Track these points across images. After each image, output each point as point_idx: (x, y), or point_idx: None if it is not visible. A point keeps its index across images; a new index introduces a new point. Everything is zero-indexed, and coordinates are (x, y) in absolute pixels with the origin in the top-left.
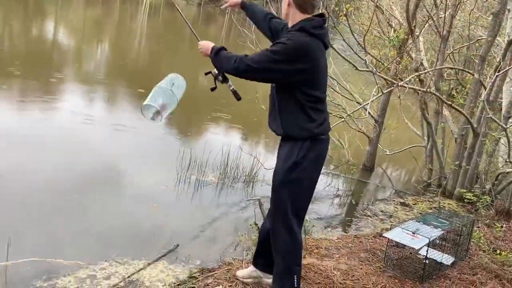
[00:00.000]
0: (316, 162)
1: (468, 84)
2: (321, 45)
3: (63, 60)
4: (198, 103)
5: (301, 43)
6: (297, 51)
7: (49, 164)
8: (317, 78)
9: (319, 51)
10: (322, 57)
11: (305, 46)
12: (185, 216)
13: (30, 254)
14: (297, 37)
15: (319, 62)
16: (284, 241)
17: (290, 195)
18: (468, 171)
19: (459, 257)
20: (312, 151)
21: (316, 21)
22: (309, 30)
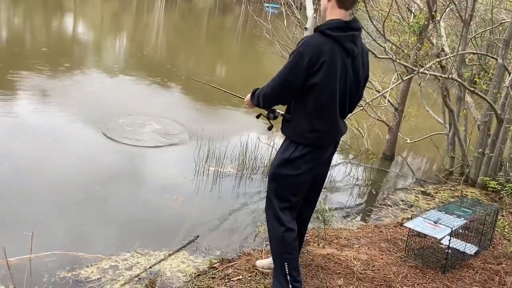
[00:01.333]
0: (311, 164)
1: (492, 70)
2: (339, 48)
3: (83, 54)
4: (214, 94)
5: (313, 46)
6: (309, 53)
7: (70, 157)
8: (327, 82)
9: (333, 53)
10: (338, 61)
11: (317, 48)
12: (205, 207)
13: (53, 246)
14: (310, 39)
15: (331, 66)
16: (273, 228)
17: (278, 189)
18: (491, 158)
19: (482, 246)
20: (309, 155)
21: (336, 21)
22: (324, 31)
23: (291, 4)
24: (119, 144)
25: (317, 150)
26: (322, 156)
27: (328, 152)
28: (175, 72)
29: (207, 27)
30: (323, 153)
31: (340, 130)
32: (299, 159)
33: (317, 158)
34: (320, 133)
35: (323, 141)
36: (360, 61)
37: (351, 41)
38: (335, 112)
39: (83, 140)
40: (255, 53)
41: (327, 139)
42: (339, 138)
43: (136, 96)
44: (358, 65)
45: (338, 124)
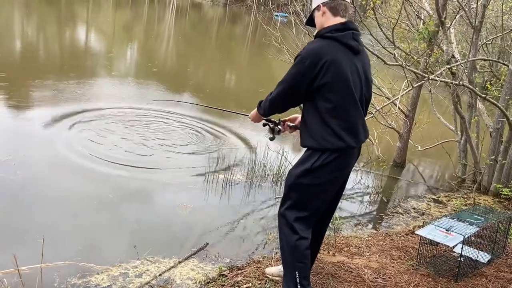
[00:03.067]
0: (333, 174)
1: (503, 76)
2: (342, 47)
3: (95, 63)
4: (223, 102)
5: (313, 48)
6: (310, 56)
7: (81, 166)
8: (336, 81)
9: (337, 52)
10: (344, 60)
11: (317, 49)
12: (214, 215)
13: (64, 254)
14: (311, 44)
15: (337, 65)
16: (285, 236)
17: (297, 199)
18: (504, 165)
19: (495, 254)
20: (331, 163)
21: (334, 25)
22: (324, 35)
23: (299, 13)
24: (128, 153)
25: (343, 155)
26: (348, 163)
27: (354, 157)
28: (186, 82)
29: (217, 36)
30: (348, 159)
31: (363, 131)
32: (321, 168)
33: (342, 164)
34: (341, 133)
35: (346, 142)
36: (367, 60)
37: (353, 39)
38: (352, 111)
39: (93, 150)
40: (265, 61)
41: (350, 140)
42: (362, 140)
43: (145, 103)
44: (366, 63)
45: (359, 124)
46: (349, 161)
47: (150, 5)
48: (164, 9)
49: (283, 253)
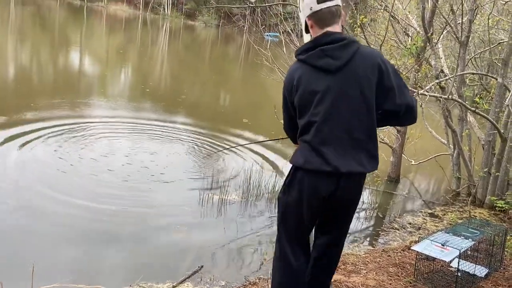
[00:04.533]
0: (302, 194)
1: (493, 89)
2: (311, 68)
3: (89, 88)
4: (217, 123)
5: (287, 72)
6: (284, 81)
7: (72, 189)
8: (301, 105)
9: (304, 76)
10: (314, 82)
11: (289, 74)
12: (209, 237)
13: (54, 280)
14: (289, 68)
15: (303, 87)
16: (276, 267)
17: (282, 219)
18: (498, 178)
19: (493, 268)
20: (300, 182)
21: (306, 43)
22: (296, 57)
23: (290, 32)
24: (120, 176)
25: (312, 177)
26: (322, 187)
27: (327, 185)
28: (181, 102)
29: (210, 57)
30: (321, 183)
31: (344, 157)
32: (291, 184)
33: (313, 187)
34: (306, 156)
35: (307, 164)
36: (355, 73)
37: (324, 56)
38: (327, 135)
39: (83, 173)
40: (258, 81)
41: (311, 164)
42: (338, 167)
43: (140, 122)
44: (351, 77)
45: (329, 149)
46: (324, 186)
47: (143, 29)
48: (157, 32)
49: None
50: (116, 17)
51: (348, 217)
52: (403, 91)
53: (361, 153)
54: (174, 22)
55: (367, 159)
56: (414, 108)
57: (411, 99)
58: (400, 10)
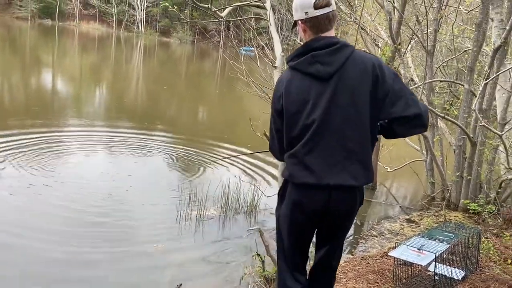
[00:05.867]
0: (292, 207)
1: (461, 96)
2: (301, 75)
3: (62, 108)
4: (195, 138)
5: (277, 81)
6: (274, 90)
7: (45, 211)
8: (288, 115)
9: (293, 83)
10: (304, 90)
11: (279, 83)
12: (188, 253)
13: None
14: (279, 76)
15: (290, 95)
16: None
17: (277, 233)
18: (470, 181)
19: (469, 270)
20: (290, 195)
21: (297, 48)
22: (287, 63)
23: (263, 46)
24: (94, 196)
25: (301, 190)
26: (311, 201)
27: (317, 199)
28: (157, 119)
29: (186, 73)
30: (310, 197)
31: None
32: (282, 197)
33: (302, 200)
34: (294, 169)
35: (295, 177)
36: (348, 79)
37: (315, 63)
38: (309, 147)
39: (55, 194)
40: (235, 95)
41: (299, 177)
42: (326, 181)
43: (115, 138)
44: (344, 84)
45: (319, 161)
46: (313, 199)
47: (117, 47)
48: (132, 50)
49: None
50: (89, 36)
51: (344, 231)
52: (407, 97)
53: (354, 165)
54: (149, 39)
55: (360, 171)
56: (422, 114)
57: (417, 105)
58: (369, 22)
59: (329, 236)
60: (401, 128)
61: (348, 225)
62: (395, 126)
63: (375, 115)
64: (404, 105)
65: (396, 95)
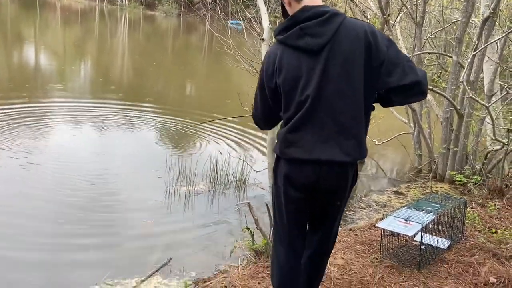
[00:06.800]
0: (286, 185)
1: (449, 68)
2: (290, 50)
3: (45, 83)
4: (182, 112)
5: (267, 55)
6: (264, 63)
7: (31, 185)
8: (283, 88)
9: (283, 58)
10: (294, 64)
11: (268, 57)
12: (177, 228)
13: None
14: (268, 50)
15: (282, 70)
16: (272, 268)
17: (273, 210)
18: (456, 153)
19: (454, 239)
20: (282, 172)
21: (284, 22)
22: (276, 37)
23: (250, 19)
24: (83, 172)
25: (292, 166)
26: (295, 177)
27: (308, 175)
28: (145, 94)
29: (173, 47)
30: (302, 173)
31: (320, 145)
32: (276, 174)
33: (295, 176)
34: (285, 144)
35: (286, 153)
36: (340, 49)
37: (304, 36)
38: (301, 122)
39: (44, 169)
40: (223, 69)
41: (289, 153)
42: (321, 156)
43: (102, 114)
44: (336, 55)
45: (310, 136)
46: (304, 175)
47: (100, 21)
48: (116, 24)
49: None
50: (71, 9)
51: (336, 211)
52: (403, 64)
53: (346, 140)
54: (133, 12)
55: (353, 146)
56: (420, 81)
57: (415, 72)
58: None
59: (322, 216)
60: (399, 97)
61: (340, 205)
62: (392, 96)
63: (370, 85)
64: (401, 73)
65: (392, 63)
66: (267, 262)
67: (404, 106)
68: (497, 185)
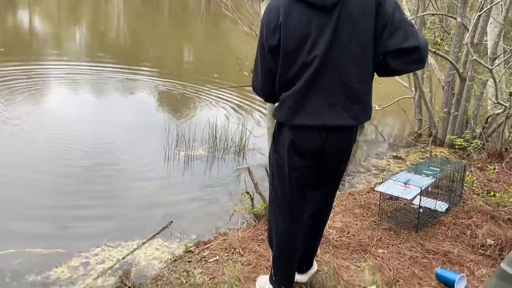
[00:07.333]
0: (289, 151)
1: (452, 30)
2: (300, 5)
3: (40, 47)
4: (180, 76)
5: (268, 9)
6: (265, 19)
7: (33, 149)
8: (285, 46)
9: (290, 12)
10: (303, 20)
11: (271, 10)
12: (177, 192)
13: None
14: (268, 5)
15: (289, 25)
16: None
17: (274, 180)
18: (457, 117)
19: (453, 203)
20: (285, 137)
21: None
22: None
23: None
24: (82, 136)
25: (292, 132)
26: (302, 143)
27: (315, 140)
28: (142, 59)
29: (169, 10)
30: (306, 138)
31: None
32: (278, 141)
33: (299, 142)
34: (290, 110)
35: (291, 120)
36: (350, 10)
37: None
38: (307, 86)
39: (45, 132)
40: (222, 32)
41: (296, 119)
42: (329, 122)
43: (99, 77)
44: (346, 16)
45: (317, 101)
46: (311, 141)
47: None
48: None
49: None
50: None
51: (340, 173)
52: (405, 28)
53: (355, 105)
54: None
55: (361, 110)
56: (420, 47)
57: (416, 37)
58: None
59: (325, 178)
60: (397, 63)
61: (344, 167)
62: (390, 60)
63: (376, 48)
64: (402, 36)
65: (394, 26)
66: (266, 225)
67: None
68: (497, 149)
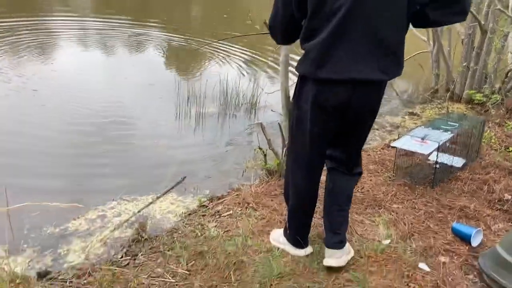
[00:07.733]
0: (311, 105)
1: None
2: None
3: (47, 3)
4: (190, 33)
5: None
6: None
7: (47, 108)
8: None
9: None
10: None
11: None
12: (190, 149)
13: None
14: None
15: None
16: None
17: (295, 135)
18: (476, 71)
19: (470, 158)
20: (306, 91)
21: None
22: None
23: None
24: (94, 90)
25: (316, 86)
26: (327, 97)
27: (340, 95)
28: (148, 15)
29: None
30: (327, 93)
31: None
32: (300, 95)
33: (322, 95)
34: (314, 62)
35: (314, 73)
36: None
37: None
38: (335, 37)
39: (58, 91)
40: None
41: (320, 72)
42: (356, 75)
43: (107, 34)
44: None
45: (345, 53)
46: (336, 95)
47: None
48: None
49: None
50: None
51: (366, 130)
52: None
53: (386, 57)
54: None
55: (391, 63)
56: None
57: None
58: None
59: (349, 134)
60: (436, 13)
61: (370, 124)
62: (429, 11)
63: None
64: None
65: None
66: (279, 181)
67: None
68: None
